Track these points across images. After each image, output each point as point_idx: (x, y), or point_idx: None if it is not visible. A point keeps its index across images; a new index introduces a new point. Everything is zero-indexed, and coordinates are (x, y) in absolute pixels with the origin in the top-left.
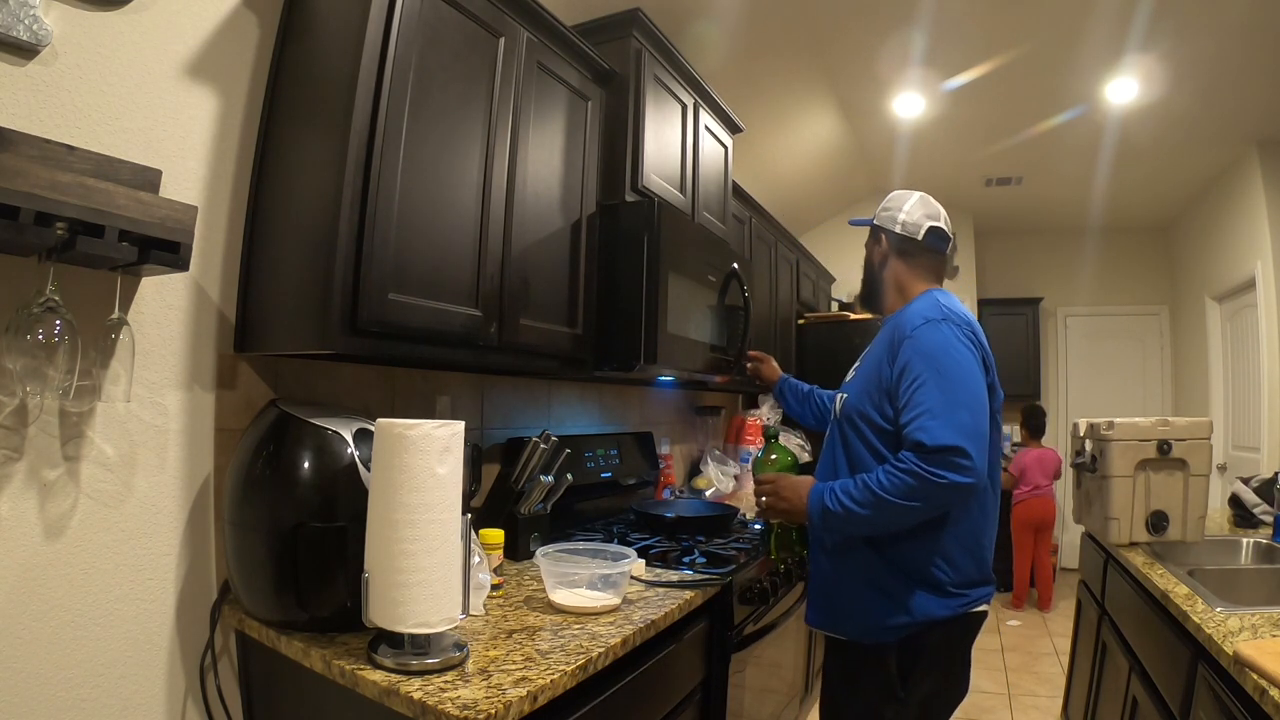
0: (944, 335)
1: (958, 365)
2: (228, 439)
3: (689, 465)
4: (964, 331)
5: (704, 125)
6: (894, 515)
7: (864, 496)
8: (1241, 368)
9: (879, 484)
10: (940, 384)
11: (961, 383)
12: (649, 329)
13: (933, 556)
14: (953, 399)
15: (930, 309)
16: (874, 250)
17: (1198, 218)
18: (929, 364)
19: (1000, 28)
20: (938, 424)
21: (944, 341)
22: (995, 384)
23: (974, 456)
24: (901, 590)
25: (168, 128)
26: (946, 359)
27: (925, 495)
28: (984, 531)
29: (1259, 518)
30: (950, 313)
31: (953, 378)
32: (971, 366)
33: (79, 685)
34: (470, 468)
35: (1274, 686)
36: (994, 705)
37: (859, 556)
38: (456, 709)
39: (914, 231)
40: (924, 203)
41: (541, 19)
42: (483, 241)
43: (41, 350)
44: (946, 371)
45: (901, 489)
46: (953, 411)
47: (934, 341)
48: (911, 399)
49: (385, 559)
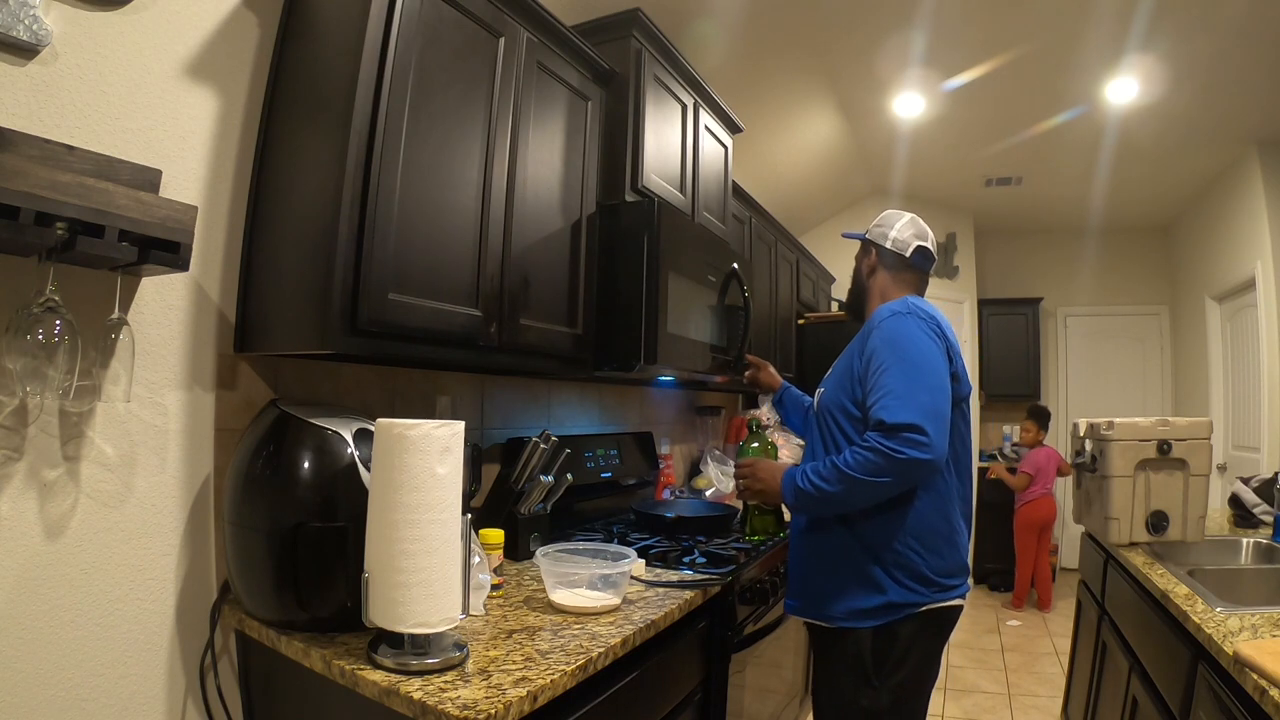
0: (907, 325)
1: (919, 352)
2: (228, 439)
3: (689, 465)
4: (928, 325)
5: (704, 125)
6: (861, 491)
7: (832, 474)
8: (1241, 368)
9: (845, 463)
10: (902, 368)
11: (921, 367)
12: (649, 329)
13: (905, 538)
14: (913, 382)
15: (898, 305)
16: (863, 261)
17: (1198, 218)
18: (893, 350)
19: (1000, 28)
20: (898, 404)
21: (907, 330)
22: (960, 374)
23: (931, 434)
24: (877, 576)
25: (168, 128)
26: (910, 346)
27: (888, 470)
28: (950, 515)
29: (1259, 518)
30: (915, 308)
31: (914, 362)
32: (932, 353)
33: (79, 685)
34: (470, 468)
35: (1274, 686)
36: (994, 705)
37: (834, 541)
38: (456, 709)
39: (902, 249)
40: (914, 224)
41: (541, 19)
42: (483, 241)
43: (41, 350)
44: (908, 357)
45: (865, 465)
46: (913, 393)
47: (898, 330)
48: (876, 383)
49: (385, 559)
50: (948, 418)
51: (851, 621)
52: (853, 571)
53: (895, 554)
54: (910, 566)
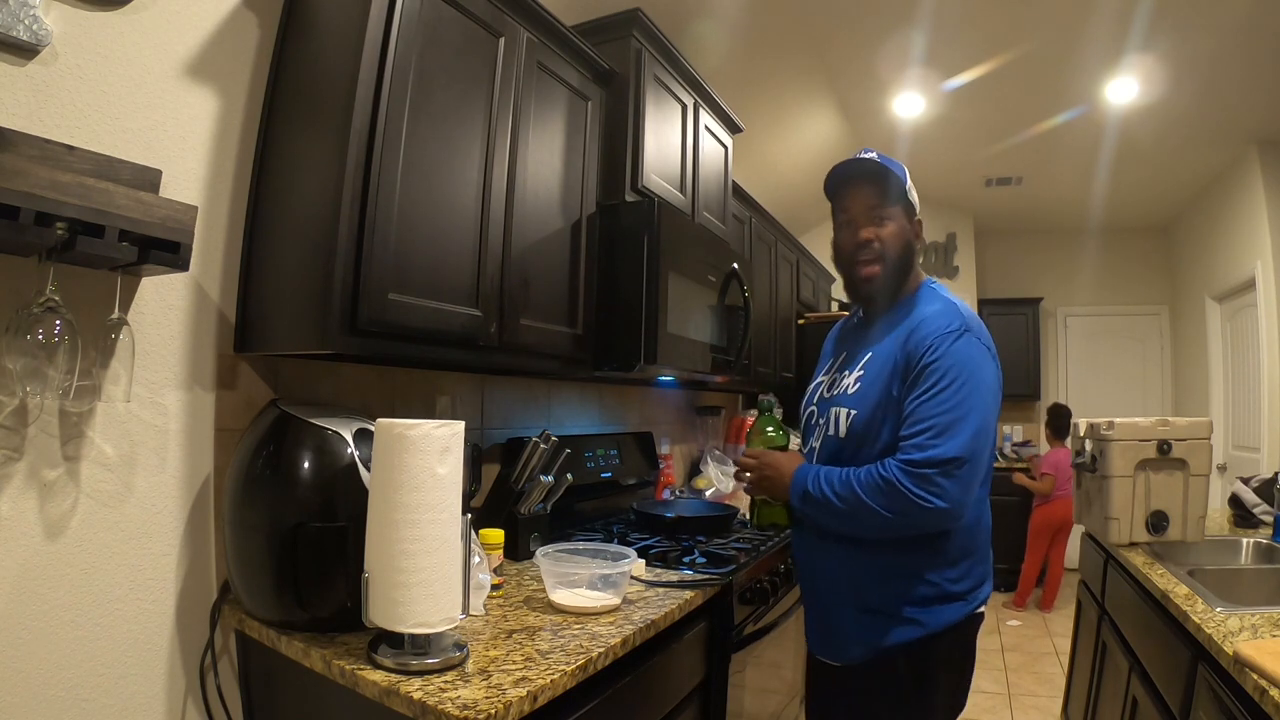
0: (975, 353)
1: (979, 388)
2: (228, 439)
3: (689, 465)
4: (984, 341)
5: (704, 125)
6: (867, 520)
7: (845, 491)
8: (1241, 368)
9: (860, 482)
10: (956, 401)
11: (975, 407)
12: (649, 329)
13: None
14: (960, 420)
15: (948, 315)
16: (906, 228)
17: (1198, 218)
18: (953, 379)
19: (1000, 28)
20: (935, 442)
21: (975, 360)
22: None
23: (955, 484)
24: (902, 606)
25: (168, 128)
26: (975, 379)
27: (900, 511)
28: (981, 531)
29: (1259, 518)
30: (969, 318)
31: (969, 400)
32: (990, 386)
33: (79, 685)
34: (470, 468)
35: (1274, 686)
36: (994, 705)
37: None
38: (456, 709)
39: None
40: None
41: (541, 19)
42: (483, 241)
43: (41, 350)
44: (965, 393)
45: (878, 497)
46: (955, 433)
47: (968, 358)
48: (915, 411)
49: (385, 559)
50: (983, 464)
51: (883, 653)
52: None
53: (932, 585)
54: (946, 592)
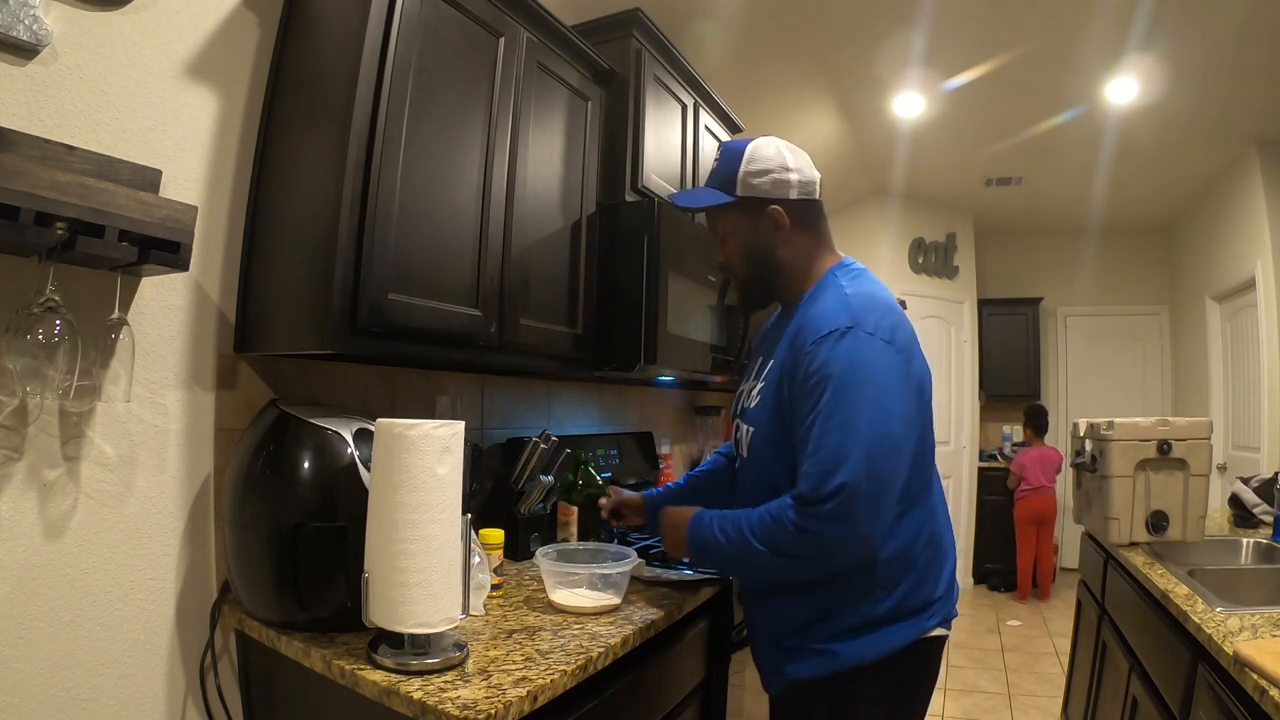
0: (856, 354)
1: (863, 394)
2: (228, 439)
3: (689, 465)
4: (880, 335)
5: (704, 125)
6: (773, 569)
7: (736, 536)
8: (1241, 368)
9: (750, 526)
10: (843, 418)
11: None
12: (649, 329)
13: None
14: (844, 439)
15: (833, 312)
16: (757, 232)
17: (1198, 218)
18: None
19: (1000, 28)
20: (822, 470)
21: (852, 363)
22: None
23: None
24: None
25: (168, 128)
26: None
27: (794, 550)
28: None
29: (1259, 518)
30: (860, 309)
31: (851, 410)
32: (887, 389)
33: (79, 685)
34: (470, 468)
35: (1274, 686)
36: (994, 705)
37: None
38: (456, 709)
39: (810, 190)
40: (794, 150)
41: (541, 19)
42: (483, 241)
43: (41, 350)
44: (846, 403)
45: (768, 539)
46: (842, 456)
47: (842, 364)
48: (804, 435)
49: (385, 559)
50: (891, 481)
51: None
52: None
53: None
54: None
